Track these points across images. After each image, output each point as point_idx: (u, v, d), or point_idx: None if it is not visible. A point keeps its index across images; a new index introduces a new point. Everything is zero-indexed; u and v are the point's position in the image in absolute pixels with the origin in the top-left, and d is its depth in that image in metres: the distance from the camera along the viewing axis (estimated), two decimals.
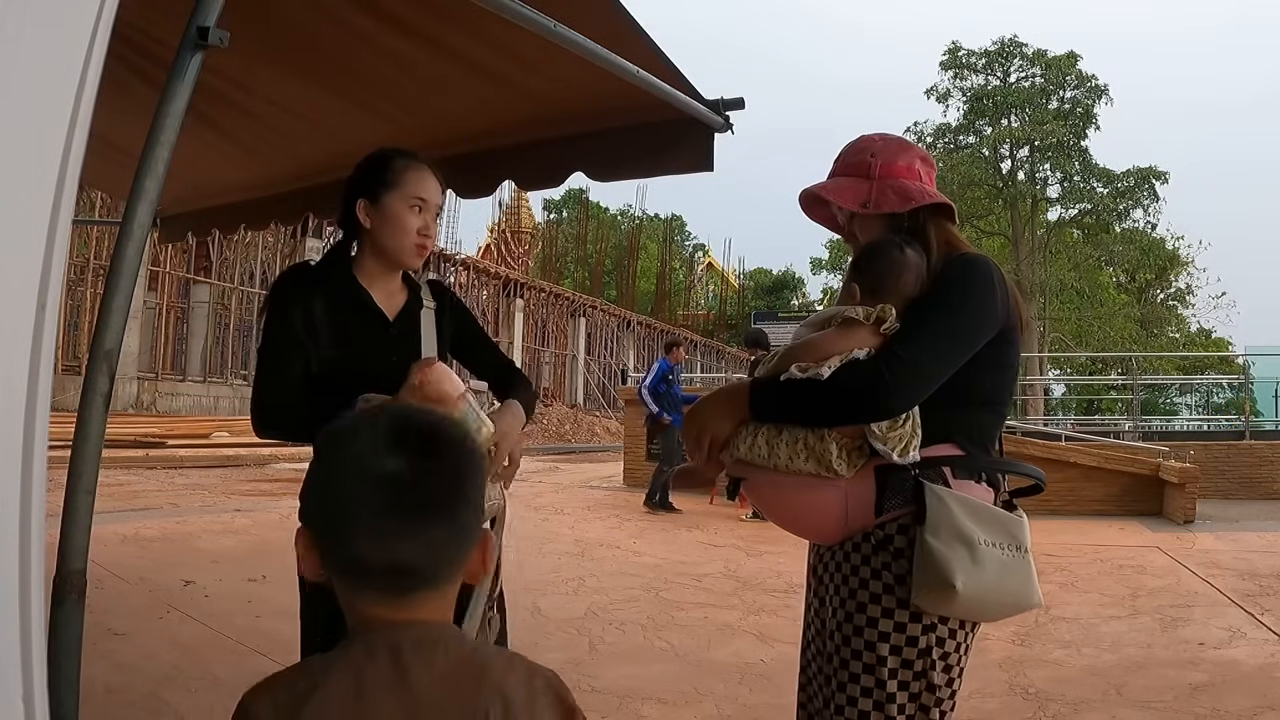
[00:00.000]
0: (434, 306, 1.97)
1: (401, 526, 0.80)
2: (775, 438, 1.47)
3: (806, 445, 1.45)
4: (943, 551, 1.37)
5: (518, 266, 28.90)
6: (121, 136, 2.72)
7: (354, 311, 1.85)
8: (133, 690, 3.02)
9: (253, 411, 1.80)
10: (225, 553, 5.47)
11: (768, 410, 1.49)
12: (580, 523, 7.77)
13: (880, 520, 1.44)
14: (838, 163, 1.65)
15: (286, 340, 1.79)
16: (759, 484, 1.53)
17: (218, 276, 18.57)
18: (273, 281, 2.02)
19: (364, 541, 0.80)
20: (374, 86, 2.66)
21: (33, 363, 0.93)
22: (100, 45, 1.00)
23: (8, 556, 0.90)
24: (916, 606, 1.40)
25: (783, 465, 1.47)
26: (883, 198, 1.56)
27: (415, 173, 1.85)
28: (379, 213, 1.84)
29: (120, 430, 11.73)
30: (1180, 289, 34.01)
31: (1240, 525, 7.79)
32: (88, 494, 1.31)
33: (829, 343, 1.48)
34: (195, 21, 1.40)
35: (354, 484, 0.80)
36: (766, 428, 1.48)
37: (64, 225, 0.96)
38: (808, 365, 1.46)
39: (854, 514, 1.45)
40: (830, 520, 1.47)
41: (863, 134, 1.67)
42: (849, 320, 1.48)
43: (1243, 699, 3.33)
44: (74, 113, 0.97)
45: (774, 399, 1.50)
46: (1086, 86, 28.42)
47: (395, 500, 0.80)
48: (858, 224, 1.63)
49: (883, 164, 1.58)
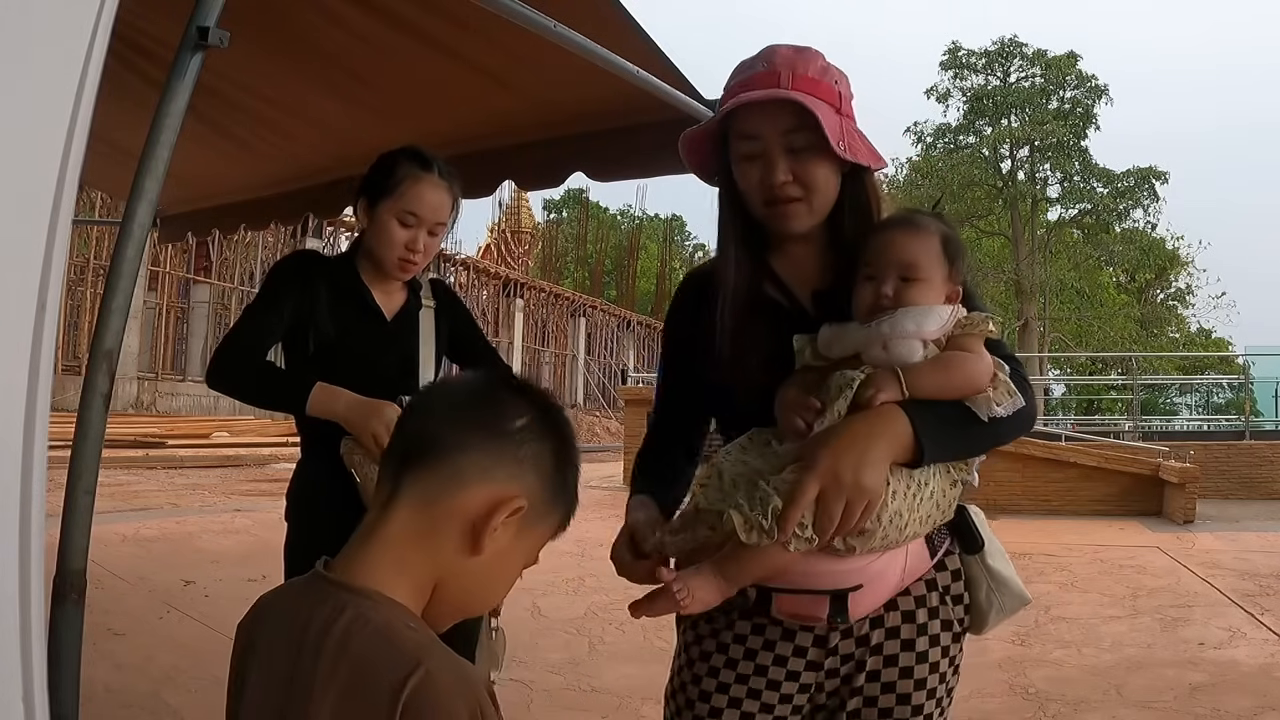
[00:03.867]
0: (433, 306, 1.96)
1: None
2: (920, 493, 1.11)
3: (938, 500, 1.14)
4: (1008, 572, 1.24)
5: (518, 266, 28.87)
6: (121, 136, 2.72)
7: (352, 304, 1.85)
8: (133, 690, 3.03)
9: (212, 358, 1.80)
10: (225, 553, 5.47)
11: (945, 447, 1.11)
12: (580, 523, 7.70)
13: (935, 560, 1.22)
14: (780, 69, 1.16)
15: (272, 310, 1.80)
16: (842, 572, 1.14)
17: (218, 276, 18.56)
18: (280, 259, 2.02)
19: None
20: (374, 86, 2.66)
21: (33, 363, 0.93)
22: (100, 45, 1.00)
23: (8, 556, 0.90)
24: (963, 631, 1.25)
25: (906, 536, 1.12)
26: (854, 142, 1.18)
27: (414, 185, 1.79)
28: (372, 218, 1.82)
29: (120, 430, 11.72)
30: (1180, 289, 34.00)
31: (1240, 525, 7.79)
32: (88, 494, 1.30)
33: (983, 367, 1.14)
34: (195, 21, 1.40)
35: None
36: (910, 481, 1.10)
37: (64, 225, 0.96)
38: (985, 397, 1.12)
39: (912, 564, 1.19)
40: (891, 583, 1.18)
41: (795, 45, 1.21)
42: (985, 334, 1.16)
43: (1243, 699, 3.33)
44: (74, 113, 0.97)
45: (956, 432, 1.12)
46: (1086, 86, 28.40)
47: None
48: (805, 167, 1.17)
49: (846, 97, 1.20)
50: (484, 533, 0.83)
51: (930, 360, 1.13)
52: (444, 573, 0.85)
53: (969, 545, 1.24)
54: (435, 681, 0.75)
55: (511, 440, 0.87)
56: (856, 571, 1.14)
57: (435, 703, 0.74)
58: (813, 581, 1.14)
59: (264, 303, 1.82)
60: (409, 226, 1.80)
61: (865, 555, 1.13)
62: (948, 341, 1.15)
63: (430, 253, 1.86)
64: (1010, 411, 1.12)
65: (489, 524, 0.83)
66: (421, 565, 0.84)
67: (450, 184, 1.85)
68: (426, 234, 1.82)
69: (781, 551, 1.06)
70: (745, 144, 1.20)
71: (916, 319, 1.14)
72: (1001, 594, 1.24)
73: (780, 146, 1.17)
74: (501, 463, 0.86)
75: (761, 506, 1.06)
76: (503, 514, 0.84)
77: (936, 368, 1.12)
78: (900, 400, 1.09)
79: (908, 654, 1.19)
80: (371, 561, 0.83)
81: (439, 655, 0.78)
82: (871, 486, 1.05)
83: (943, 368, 1.13)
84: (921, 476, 1.11)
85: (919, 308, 1.14)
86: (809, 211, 1.21)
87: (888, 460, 1.07)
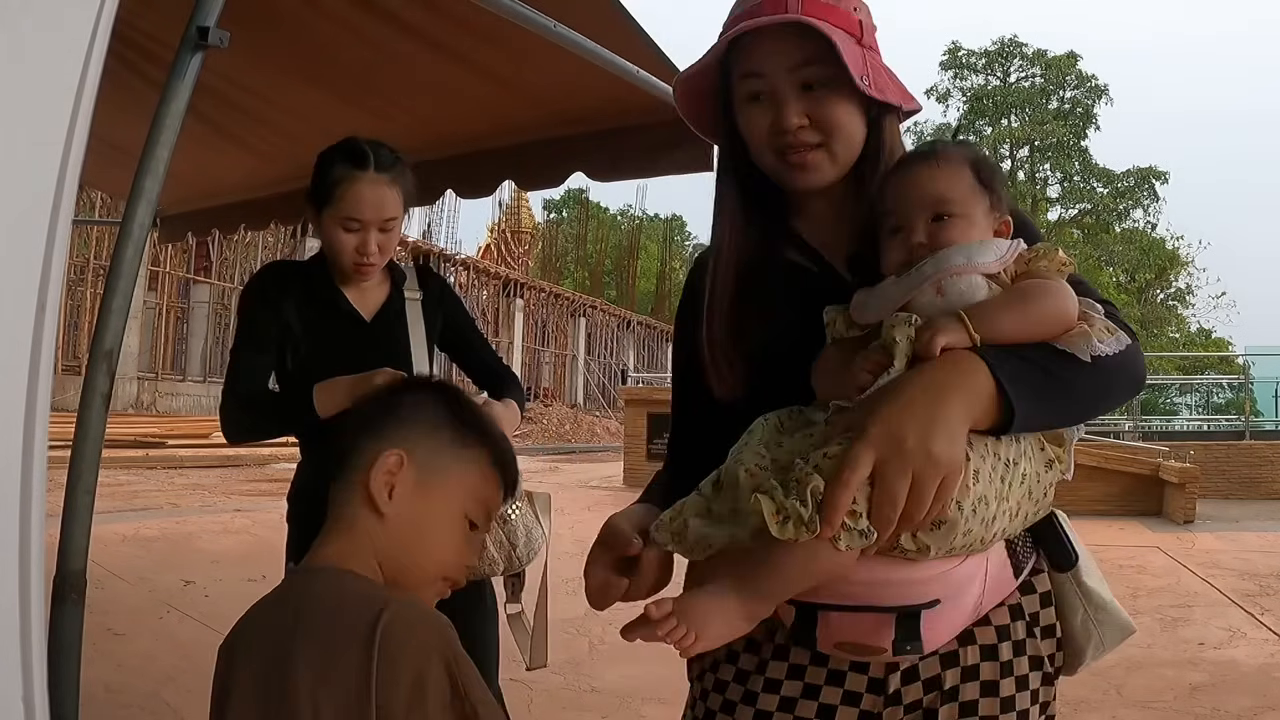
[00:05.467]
0: (419, 297, 1.89)
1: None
2: (1009, 474, 0.84)
3: (1030, 487, 0.86)
4: (1107, 595, 0.97)
5: (518, 266, 28.86)
6: (121, 136, 2.71)
7: (326, 312, 1.79)
8: (133, 690, 3.02)
9: (220, 415, 1.77)
10: (225, 553, 5.46)
11: (1042, 403, 0.83)
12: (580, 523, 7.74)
13: (1020, 579, 0.93)
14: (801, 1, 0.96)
15: (254, 346, 1.77)
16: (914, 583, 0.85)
17: (218, 276, 18.56)
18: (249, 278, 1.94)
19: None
20: (374, 86, 2.66)
21: (33, 363, 0.93)
22: (100, 45, 1.00)
23: (8, 556, 0.90)
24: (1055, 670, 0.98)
25: (993, 535, 0.84)
26: (880, 78, 0.98)
27: (350, 187, 1.70)
28: (319, 226, 1.77)
29: (120, 430, 11.71)
30: (1180, 289, 34.00)
31: (1240, 525, 7.79)
32: (88, 494, 1.31)
33: (1069, 299, 0.88)
34: (195, 21, 1.40)
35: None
36: (996, 457, 0.83)
37: (64, 225, 0.96)
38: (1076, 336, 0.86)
39: (991, 582, 0.89)
40: (970, 605, 0.88)
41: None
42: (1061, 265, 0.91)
43: (1243, 699, 3.33)
44: (74, 113, 0.97)
45: (1053, 382, 0.84)
46: (1086, 86, 28.42)
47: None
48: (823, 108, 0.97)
49: (869, 27, 1.00)
50: (374, 492, 0.90)
51: (1000, 294, 0.88)
52: (376, 544, 0.91)
53: (1060, 560, 0.95)
54: (404, 617, 0.81)
55: (395, 404, 0.98)
56: (932, 581, 0.84)
57: (408, 636, 0.80)
58: (872, 595, 0.84)
59: (244, 339, 1.79)
60: (353, 231, 1.72)
61: (942, 559, 0.83)
62: (1014, 279, 0.90)
63: (387, 250, 1.77)
64: (1116, 350, 0.85)
65: (372, 480, 0.90)
66: (359, 543, 0.91)
67: (393, 174, 1.74)
68: (377, 232, 1.73)
69: (828, 551, 0.78)
70: (750, 83, 0.99)
71: (966, 253, 0.90)
72: (1101, 624, 0.96)
73: (792, 84, 0.96)
74: (385, 425, 0.95)
75: (798, 489, 0.78)
76: (381, 468, 0.91)
77: (1011, 300, 0.87)
78: (971, 347, 0.83)
79: (989, 700, 0.90)
80: (325, 554, 0.91)
81: (403, 599, 0.85)
82: (947, 457, 0.77)
83: (1019, 300, 0.87)
84: (1010, 451, 0.84)
85: (967, 244, 0.91)
86: (830, 161, 0.99)
87: (966, 422, 0.79)
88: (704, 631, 0.81)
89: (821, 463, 0.79)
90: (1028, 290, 0.88)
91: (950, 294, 0.87)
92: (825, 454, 0.80)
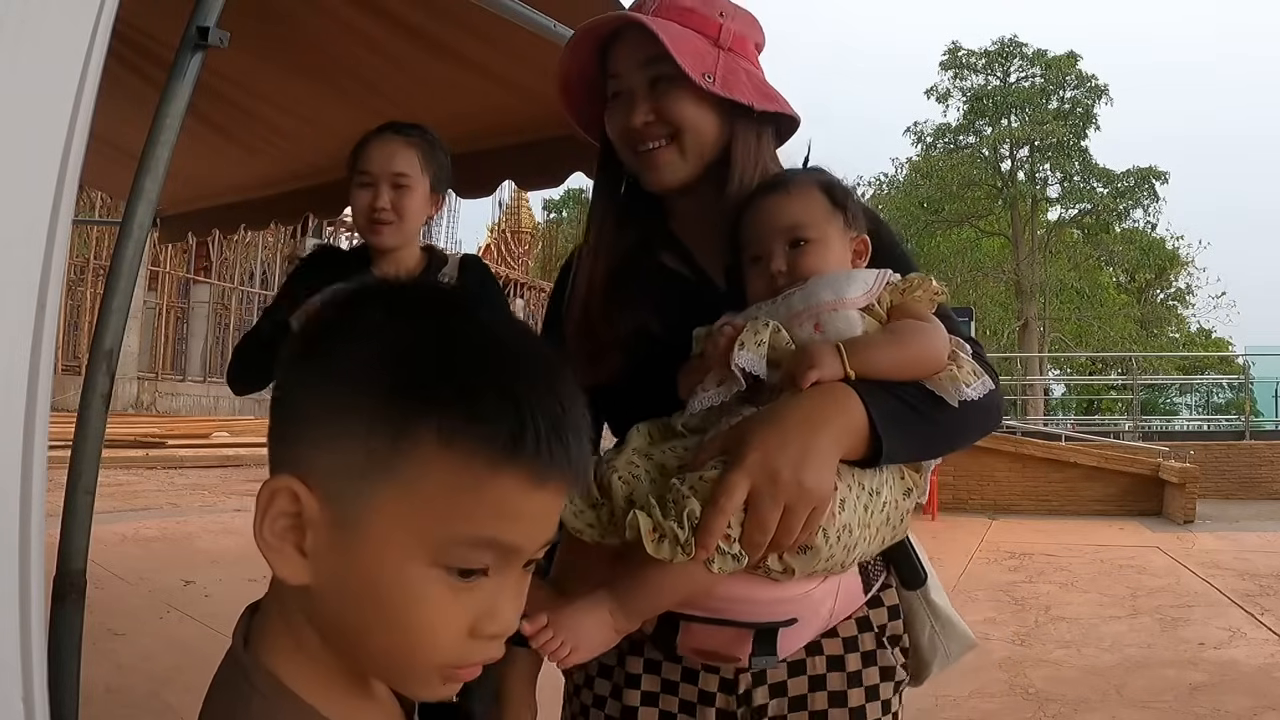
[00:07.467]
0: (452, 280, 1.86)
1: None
2: (872, 503, 0.88)
3: (889, 514, 0.91)
4: (952, 611, 1.03)
5: (518, 266, 28.86)
6: (121, 136, 2.72)
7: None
8: (133, 690, 3.02)
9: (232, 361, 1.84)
10: (225, 553, 5.46)
11: (908, 440, 0.88)
12: None
13: (869, 595, 0.99)
14: (659, 4, 1.01)
15: (273, 310, 1.84)
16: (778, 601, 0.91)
17: (218, 276, 18.55)
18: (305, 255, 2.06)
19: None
20: (374, 86, 2.66)
21: (33, 363, 0.93)
22: (100, 45, 1.00)
23: (8, 556, 0.90)
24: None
25: (853, 558, 0.89)
26: (733, 78, 0.99)
27: (364, 147, 1.76)
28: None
29: (120, 430, 11.71)
30: (1180, 289, 33.99)
31: (1240, 525, 7.80)
32: (88, 494, 1.31)
33: (942, 339, 0.92)
34: (195, 21, 1.40)
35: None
36: (862, 487, 0.88)
37: (64, 225, 0.96)
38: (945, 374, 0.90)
39: (843, 600, 0.95)
40: (818, 624, 0.94)
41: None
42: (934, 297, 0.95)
43: (1243, 699, 3.33)
44: (74, 113, 0.97)
45: (920, 421, 0.88)
46: (1086, 86, 28.40)
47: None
48: (666, 103, 1.00)
49: (736, 33, 1.02)
50: (269, 554, 0.55)
51: (877, 333, 0.91)
52: (322, 629, 0.57)
53: (910, 578, 1.01)
54: None
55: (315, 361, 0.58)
56: (792, 601, 0.89)
57: None
58: (734, 611, 0.89)
59: (270, 308, 1.88)
60: (367, 185, 1.75)
61: (804, 580, 0.88)
62: (890, 311, 0.93)
63: (403, 210, 1.74)
64: (981, 394, 0.89)
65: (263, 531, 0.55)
66: (297, 633, 0.58)
67: (409, 136, 1.77)
68: (389, 189, 1.74)
69: (701, 572, 0.81)
70: (611, 83, 1.03)
71: (834, 288, 0.92)
72: (947, 636, 1.03)
73: (642, 81, 1.00)
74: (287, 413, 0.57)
75: (675, 511, 0.81)
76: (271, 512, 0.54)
77: (887, 340, 0.90)
78: (845, 380, 0.86)
79: (839, 711, 0.94)
80: (263, 646, 0.60)
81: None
82: (817, 488, 0.81)
83: (895, 339, 0.90)
84: (873, 481, 0.88)
85: (830, 275, 0.94)
86: (680, 157, 1.01)
87: (837, 454, 0.83)
88: (580, 644, 0.84)
89: (698, 485, 0.83)
90: (903, 331, 0.91)
91: (829, 331, 0.90)
92: (701, 477, 0.83)
